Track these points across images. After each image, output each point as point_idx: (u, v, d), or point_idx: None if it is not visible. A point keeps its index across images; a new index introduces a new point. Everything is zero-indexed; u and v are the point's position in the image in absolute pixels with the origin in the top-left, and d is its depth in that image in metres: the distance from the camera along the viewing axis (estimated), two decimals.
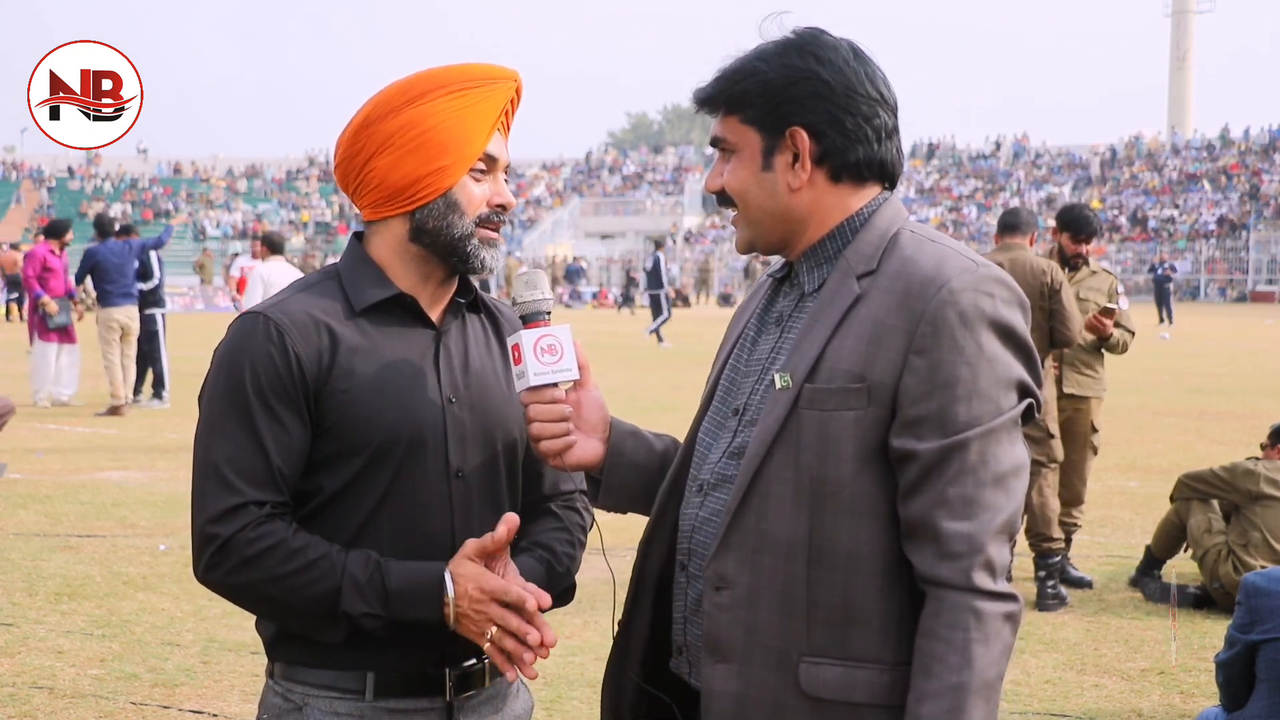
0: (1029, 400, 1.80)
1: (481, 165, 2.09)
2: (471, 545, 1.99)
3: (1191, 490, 6.59)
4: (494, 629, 1.96)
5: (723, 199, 1.93)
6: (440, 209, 2.06)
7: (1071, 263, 6.97)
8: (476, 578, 1.96)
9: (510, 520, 1.99)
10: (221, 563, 1.96)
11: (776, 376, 1.82)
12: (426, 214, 2.06)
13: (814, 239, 1.88)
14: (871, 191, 1.89)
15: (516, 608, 1.96)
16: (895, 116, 1.89)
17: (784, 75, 1.84)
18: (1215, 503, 6.56)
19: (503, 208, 2.11)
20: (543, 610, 2.00)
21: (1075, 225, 7.00)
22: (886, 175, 1.90)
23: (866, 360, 1.76)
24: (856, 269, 1.83)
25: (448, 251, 2.08)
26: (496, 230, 2.11)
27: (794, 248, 1.91)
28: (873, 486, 1.77)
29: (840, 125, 1.84)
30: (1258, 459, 6.51)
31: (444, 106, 2.05)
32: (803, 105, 1.84)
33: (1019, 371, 1.78)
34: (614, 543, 2.05)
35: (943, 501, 1.72)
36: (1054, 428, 6.64)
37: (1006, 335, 1.77)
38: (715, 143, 1.93)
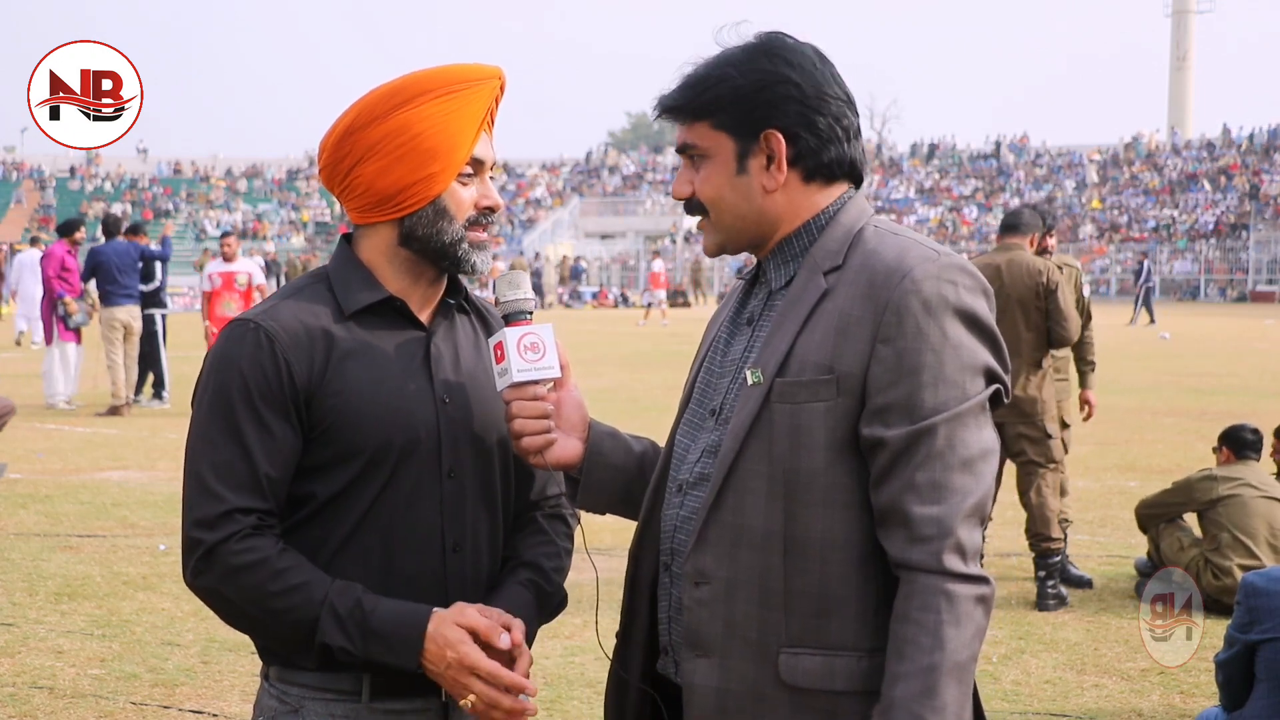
0: (996, 385, 1.83)
1: (469, 169, 2.08)
2: (467, 617, 1.98)
3: (1154, 518, 6.62)
4: (473, 696, 1.96)
5: (691, 206, 1.95)
6: (429, 216, 2.06)
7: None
8: (456, 645, 1.95)
9: (516, 637, 2.00)
10: (207, 569, 1.97)
11: (748, 373, 1.85)
12: (416, 221, 2.06)
13: (782, 237, 1.91)
14: (839, 190, 1.93)
15: (494, 677, 1.96)
16: (858, 117, 1.93)
17: (755, 80, 1.87)
18: (1183, 519, 6.59)
19: (490, 209, 2.11)
20: (529, 637, 2.05)
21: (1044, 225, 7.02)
22: (854, 174, 1.94)
23: (835, 352, 1.79)
24: (823, 265, 1.86)
25: (438, 256, 2.08)
26: (485, 230, 2.12)
27: (764, 247, 1.94)
28: (845, 476, 1.80)
29: (814, 126, 1.87)
30: (1208, 468, 6.56)
31: (430, 112, 2.04)
32: (776, 108, 1.86)
33: (985, 357, 1.81)
34: (613, 543, 2.06)
35: (911, 486, 1.75)
36: (1052, 428, 6.64)
37: (971, 321, 1.80)
38: (683, 149, 1.94)
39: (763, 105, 1.86)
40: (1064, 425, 6.99)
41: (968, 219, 53.56)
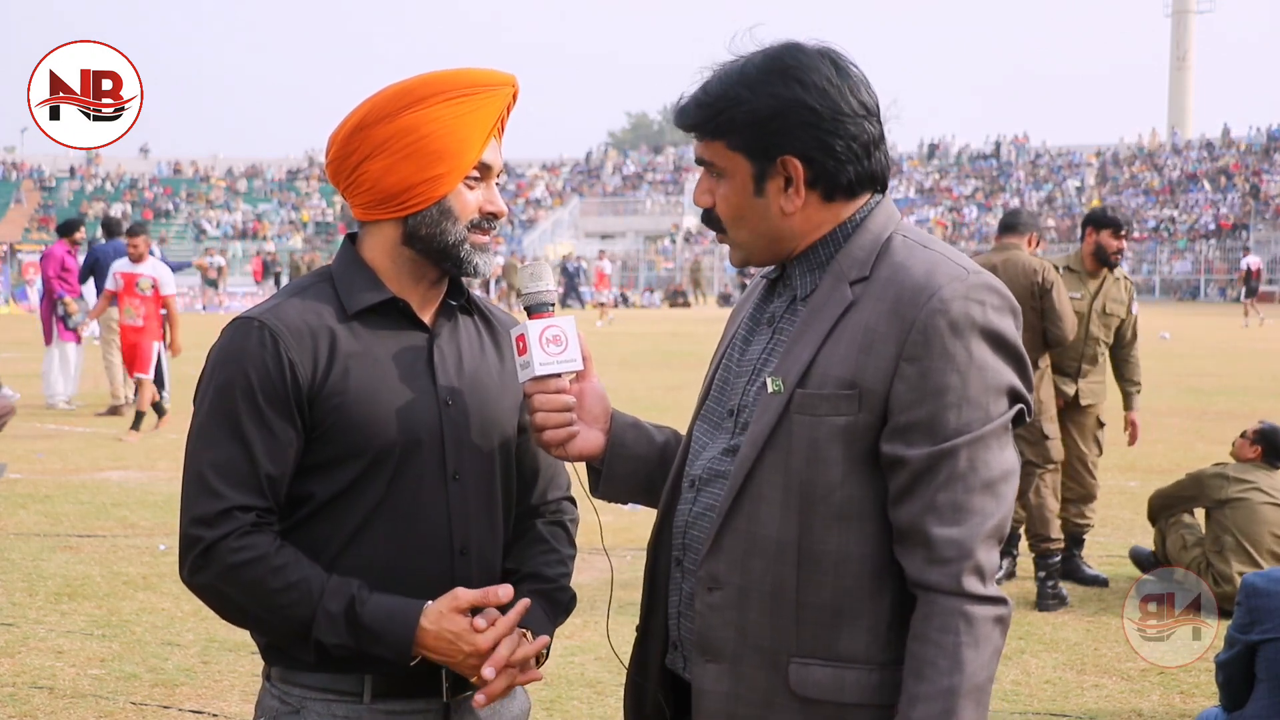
0: (1020, 406, 1.82)
1: (475, 173, 2.08)
2: (464, 598, 2.01)
3: (1166, 509, 6.62)
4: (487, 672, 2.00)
5: (710, 219, 1.92)
6: (434, 216, 2.06)
7: (1111, 260, 6.94)
8: (463, 636, 1.99)
9: (506, 592, 2.03)
10: (205, 567, 1.98)
11: (769, 380, 1.84)
12: (420, 220, 2.06)
13: (807, 245, 1.89)
14: (863, 199, 1.90)
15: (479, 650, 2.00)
16: (880, 121, 1.89)
17: (770, 105, 1.82)
18: (1188, 516, 6.58)
19: (494, 215, 2.11)
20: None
21: (1115, 221, 6.95)
22: (877, 183, 1.91)
23: (858, 367, 1.78)
24: (849, 274, 1.84)
25: (440, 257, 2.08)
26: (487, 235, 2.11)
27: (788, 258, 1.92)
28: (862, 491, 1.79)
29: (830, 150, 1.83)
30: (1223, 464, 6.52)
31: (441, 113, 2.04)
32: (791, 135, 1.83)
33: (1010, 378, 1.80)
34: (615, 543, 2.06)
35: (932, 507, 1.74)
36: (1050, 429, 6.64)
37: (997, 342, 1.78)
38: (702, 162, 1.92)
39: (777, 132, 1.83)
40: (1100, 424, 7.02)
41: (945, 221, 53.43)
